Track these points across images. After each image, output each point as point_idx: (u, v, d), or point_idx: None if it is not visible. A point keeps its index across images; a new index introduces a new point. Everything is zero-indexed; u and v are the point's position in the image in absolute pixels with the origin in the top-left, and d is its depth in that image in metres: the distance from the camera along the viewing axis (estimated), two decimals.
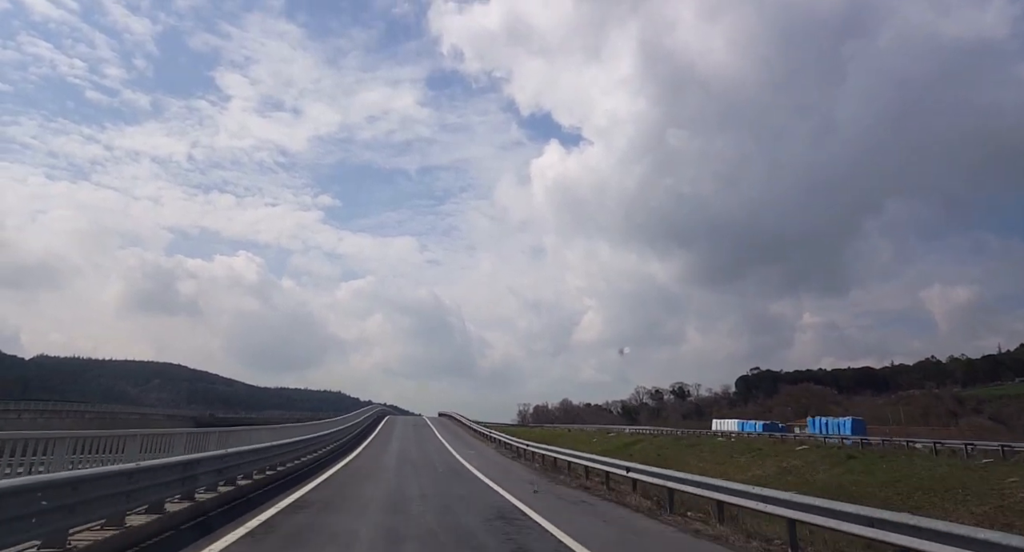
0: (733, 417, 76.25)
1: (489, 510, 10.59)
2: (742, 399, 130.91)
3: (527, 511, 10.37)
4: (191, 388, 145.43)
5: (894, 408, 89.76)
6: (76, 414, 40.97)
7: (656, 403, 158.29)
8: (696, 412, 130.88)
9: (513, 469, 20.27)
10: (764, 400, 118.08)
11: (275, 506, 10.22)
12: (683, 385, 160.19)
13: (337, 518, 9.42)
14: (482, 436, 38.86)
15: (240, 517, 8.94)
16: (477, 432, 42.04)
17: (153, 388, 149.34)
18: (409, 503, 11.33)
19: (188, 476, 8.96)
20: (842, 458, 20.00)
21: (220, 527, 8.10)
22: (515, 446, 27.53)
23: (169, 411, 73.84)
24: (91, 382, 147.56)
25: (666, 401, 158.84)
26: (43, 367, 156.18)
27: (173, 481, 8.45)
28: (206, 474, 9.97)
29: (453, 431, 45.11)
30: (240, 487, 11.61)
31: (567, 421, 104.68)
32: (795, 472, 18.45)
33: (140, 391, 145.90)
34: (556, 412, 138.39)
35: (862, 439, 34.78)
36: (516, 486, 14.30)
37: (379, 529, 8.64)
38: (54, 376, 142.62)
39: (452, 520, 9.59)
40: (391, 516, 9.88)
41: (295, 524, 8.69)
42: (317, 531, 8.27)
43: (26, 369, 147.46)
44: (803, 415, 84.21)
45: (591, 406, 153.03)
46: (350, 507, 10.73)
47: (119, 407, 61.47)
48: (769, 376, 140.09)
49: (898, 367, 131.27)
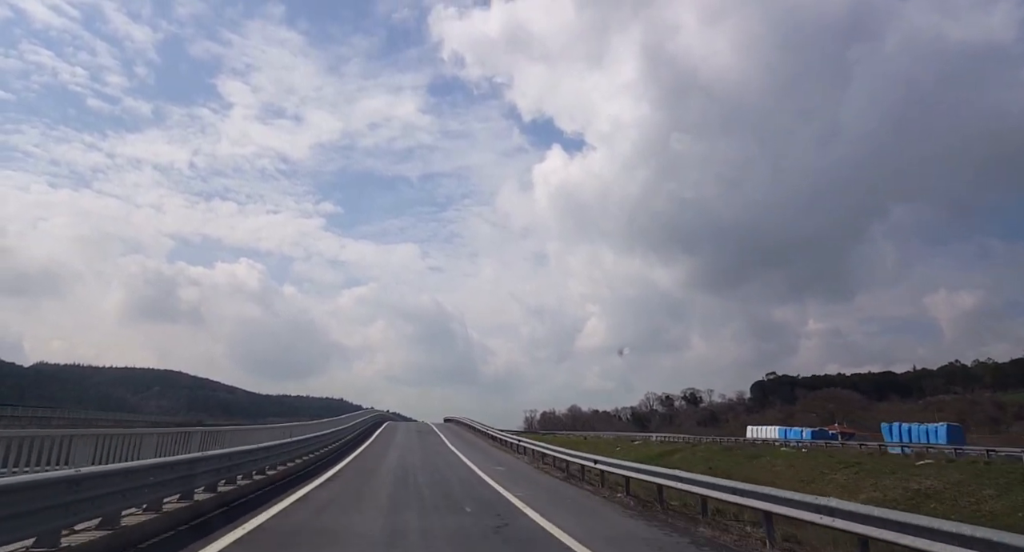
0: (757, 423, 72.17)
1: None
2: (759, 405, 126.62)
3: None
4: (191, 395, 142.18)
5: (924, 414, 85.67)
6: (43, 421, 37.33)
7: (667, 409, 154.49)
8: (711, 419, 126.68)
9: (580, 500, 13.07)
10: (783, 406, 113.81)
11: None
12: (695, 391, 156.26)
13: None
14: (504, 445, 32.28)
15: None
16: (498, 440, 35.19)
17: (153, 395, 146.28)
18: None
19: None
20: (1018, 477, 14.79)
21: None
22: (561, 459, 19.22)
23: (155, 417, 70.27)
24: (90, 389, 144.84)
25: (677, 407, 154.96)
26: (42, 374, 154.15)
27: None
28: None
29: (467, 440, 38.69)
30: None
31: (576, 428, 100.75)
32: (938, 497, 14.07)
33: (140, 398, 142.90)
34: (564, 419, 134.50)
35: (956, 449, 30.13)
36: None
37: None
38: (52, 383, 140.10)
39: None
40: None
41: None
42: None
43: (24, 377, 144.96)
44: (828, 421, 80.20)
45: (599, 412, 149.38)
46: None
47: (101, 414, 57.89)
48: (786, 382, 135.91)
49: (920, 372, 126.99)
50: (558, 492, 14.35)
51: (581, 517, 10.65)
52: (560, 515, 10.34)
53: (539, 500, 12.08)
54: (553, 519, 9.80)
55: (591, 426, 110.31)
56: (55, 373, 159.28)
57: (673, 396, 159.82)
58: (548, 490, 14.72)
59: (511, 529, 9.14)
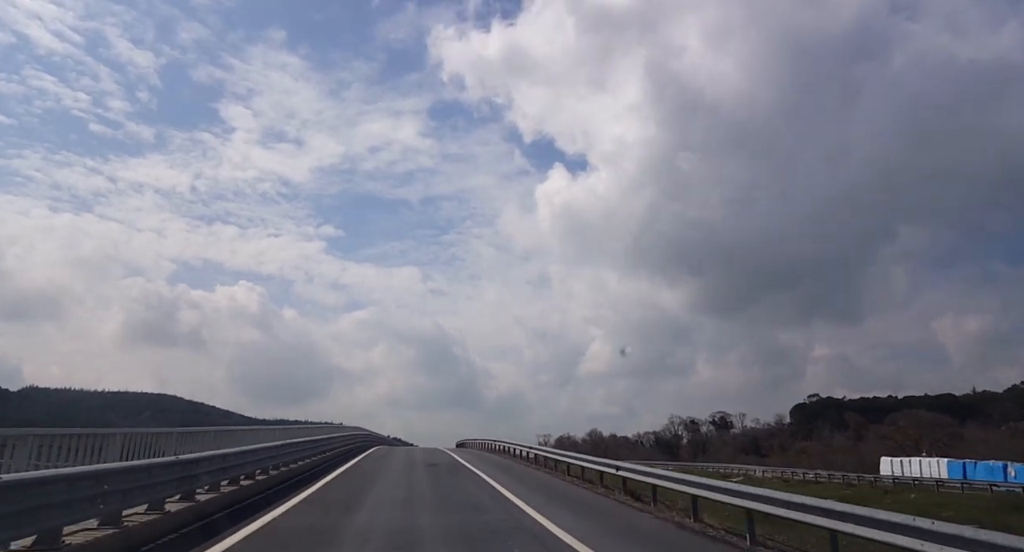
0: (850, 454, 60.96)
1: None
2: (803, 430, 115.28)
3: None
4: (184, 420, 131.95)
5: (1014, 441, 74.96)
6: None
7: (692, 435, 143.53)
8: (753, 446, 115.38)
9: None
10: (837, 432, 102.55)
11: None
12: (725, 415, 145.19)
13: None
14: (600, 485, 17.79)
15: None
16: (576, 468, 20.73)
17: (144, 420, 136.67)
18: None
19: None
20: None
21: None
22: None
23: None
24: (80, 414, 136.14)
25: (705, 433, 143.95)
26: (30, 399, 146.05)
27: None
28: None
29: (520, 476, 21.23)
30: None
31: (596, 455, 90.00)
32: None
33: (130, 423, 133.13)
34: (584, 445, 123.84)
35: None
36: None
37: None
38: (39, 407, 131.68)
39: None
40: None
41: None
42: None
43: (9, 401, 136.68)
44: (914, 449, 69.39)
45: (616, 437, 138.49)
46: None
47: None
48: (831, 404, 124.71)
49: (982, 394, 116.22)
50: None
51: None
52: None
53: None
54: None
55: (614, 453, 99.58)
56: (44, 397, 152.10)
57: (699, 421, 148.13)
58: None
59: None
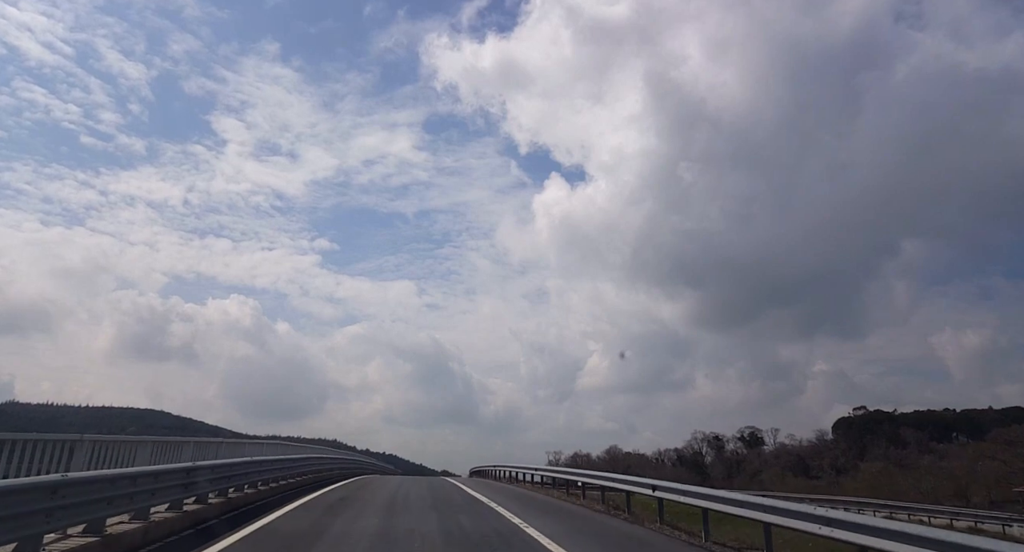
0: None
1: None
2: (854, 448, 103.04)
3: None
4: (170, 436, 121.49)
5: None
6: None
7: (717, 452, 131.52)
8: (800, 467, 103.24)
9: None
10: (899, 449, 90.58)
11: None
12: (755, 430, 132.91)
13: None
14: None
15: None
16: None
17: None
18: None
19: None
20: None
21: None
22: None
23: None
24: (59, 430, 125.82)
25: (733, 450, 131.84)
26: (8, 414, 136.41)
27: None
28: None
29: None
30: None
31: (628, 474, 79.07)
32: None
33: None
34: (601, 463, 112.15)
35: None
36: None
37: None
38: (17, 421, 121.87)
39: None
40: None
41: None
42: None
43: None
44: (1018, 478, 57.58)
45: (632, 454, 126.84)
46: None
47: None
48: (881, 418, 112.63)
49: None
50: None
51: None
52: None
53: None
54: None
55: (639, 472, 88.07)
56: (25, 413, 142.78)
57: (723, 437, 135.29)
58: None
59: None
